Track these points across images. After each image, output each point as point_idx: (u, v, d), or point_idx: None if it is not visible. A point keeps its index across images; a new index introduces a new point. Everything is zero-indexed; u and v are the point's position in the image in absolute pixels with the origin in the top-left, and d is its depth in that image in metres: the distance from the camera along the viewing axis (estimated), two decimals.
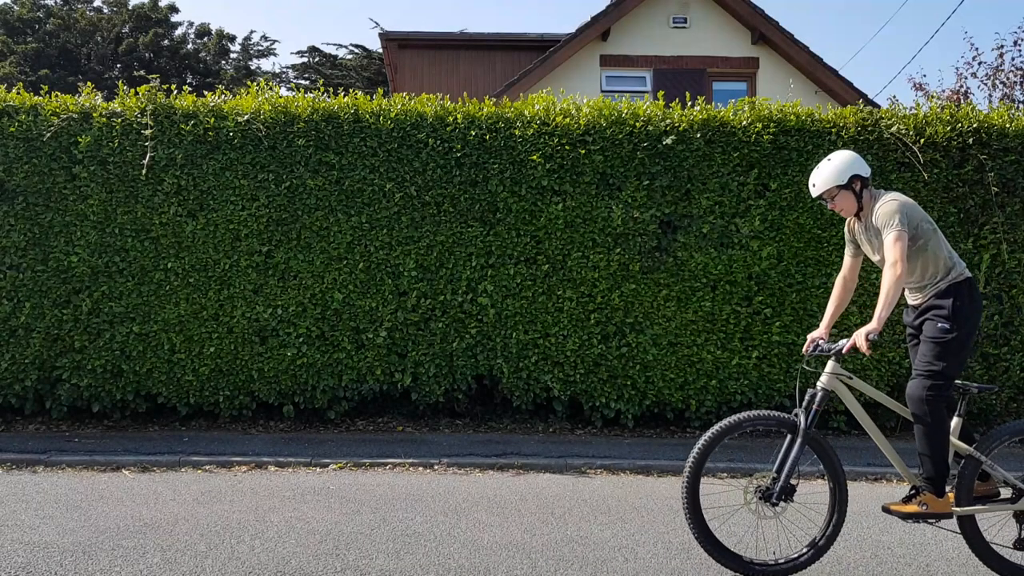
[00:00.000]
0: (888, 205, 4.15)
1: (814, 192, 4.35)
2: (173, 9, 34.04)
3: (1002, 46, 18.33)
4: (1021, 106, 11.21)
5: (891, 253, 4.04)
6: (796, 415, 4.14)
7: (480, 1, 67.54)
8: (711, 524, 4.14)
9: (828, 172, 4.28)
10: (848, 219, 4.48)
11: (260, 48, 35.74)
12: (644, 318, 7.76)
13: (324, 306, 7.65)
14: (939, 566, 4.46)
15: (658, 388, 7.76)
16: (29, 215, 7.48)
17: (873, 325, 3.98)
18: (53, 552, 4.34)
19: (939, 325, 4.12)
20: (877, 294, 7.76)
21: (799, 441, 4.08)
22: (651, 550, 4.60)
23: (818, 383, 4.20)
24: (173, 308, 7.54)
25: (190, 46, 34.77)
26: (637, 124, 7.73)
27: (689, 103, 8.11)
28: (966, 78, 18.62)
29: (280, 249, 7.62)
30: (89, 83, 8.63)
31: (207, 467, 6.54)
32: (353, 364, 7.66)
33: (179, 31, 34.73)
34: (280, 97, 7.83)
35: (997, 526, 4.29)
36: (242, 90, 8.24)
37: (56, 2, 34.21)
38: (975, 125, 7.89)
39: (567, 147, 7.69)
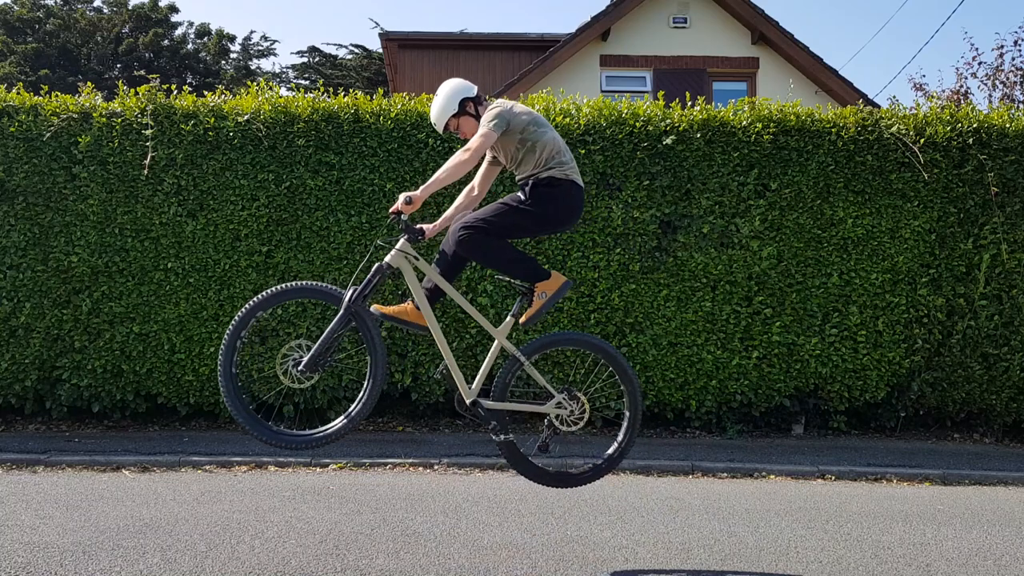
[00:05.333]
0: (491, 111, 4.33)
1: (438, 129, 4.53)
2: (173, 9, 34.01)
3: (1002, 46, 18.31)
4: (1021, 106, 11.20)
5: (471, 142, 4.25)
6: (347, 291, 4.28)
7: (480, 1, 67.55)
8: (244, 396, 4.30)
9: (438, 108, 4.45)
10: None
11: (260, 48, 35.73)
12: (644, 318, 7.76)
13: (324, 306, 7.64)
14: (939, 566, 4.46)
15: (658, 388, 7.76)
16: (29, 215, 7.49)
17: (416, 193, 4.19)
18: (53, 552, 4.34)
19: (517, 194, 4.37)
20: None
21: (340, 314, 4.22)
22: (651, 550, 4.60)
23: (385, 258, 4.34)
24: (173, 308, 7.54)
25: (190, 46, 34.75)
26: (637, 124, 7.73)
27: (689, 103, 8.11)
28: (966, 78, 18.59)
29: (280, 249, 7.62)
30: (89, 83, 8.64)
31: (207, 467, 6.55)
32: (353, 364, 7.66)
33: (179, 31, 34.71)
34: (280, 97, 7.82)
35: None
36: (242, 90, 8.23)
37: (56, 2, 34.19)
38: (975, 125, 7.88)
39: None
